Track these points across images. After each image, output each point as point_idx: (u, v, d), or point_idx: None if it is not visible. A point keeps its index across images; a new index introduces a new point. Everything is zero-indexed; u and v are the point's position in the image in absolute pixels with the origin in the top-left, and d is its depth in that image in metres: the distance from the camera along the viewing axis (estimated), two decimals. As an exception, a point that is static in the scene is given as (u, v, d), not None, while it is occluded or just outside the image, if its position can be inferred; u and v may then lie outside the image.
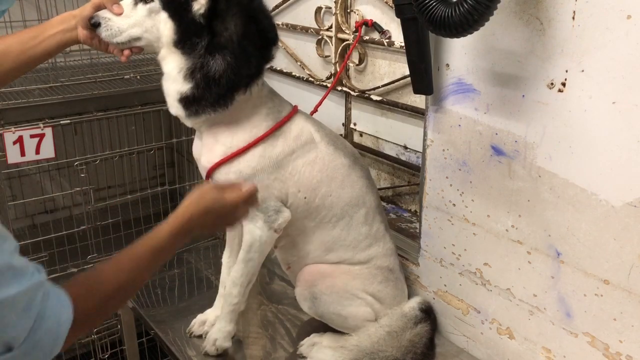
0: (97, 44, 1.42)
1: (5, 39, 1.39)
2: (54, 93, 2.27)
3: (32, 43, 1.36)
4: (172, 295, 1.86)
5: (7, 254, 0.82)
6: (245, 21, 1.32)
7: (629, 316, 1.19)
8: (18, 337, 0.82)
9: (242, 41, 1.32)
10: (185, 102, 1.37)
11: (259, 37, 1.36)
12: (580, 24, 1.13)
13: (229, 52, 1.32)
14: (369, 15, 1.90)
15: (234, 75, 1.33)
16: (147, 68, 2.59)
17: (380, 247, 1.57)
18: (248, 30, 1.33)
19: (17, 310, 0.81)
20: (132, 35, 1.38)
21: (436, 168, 1.53)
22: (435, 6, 1.14)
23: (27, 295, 0.83)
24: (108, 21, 1.36)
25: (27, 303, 0.83)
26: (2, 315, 0.79)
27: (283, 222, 1.46)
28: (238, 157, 1.41)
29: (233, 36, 1.32)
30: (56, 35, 1.39)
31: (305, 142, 1.47)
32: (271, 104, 1.46)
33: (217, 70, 1.32)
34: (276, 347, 1.61)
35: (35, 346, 0.84)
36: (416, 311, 1.58)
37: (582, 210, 1.22)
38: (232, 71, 1.32)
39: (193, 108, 1.37)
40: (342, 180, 1.51)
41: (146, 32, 1.37)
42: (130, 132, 2.41)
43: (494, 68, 1.31)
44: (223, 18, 1.31)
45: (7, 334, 0.81)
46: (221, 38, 1.32)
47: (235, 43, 1.32)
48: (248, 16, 1.33)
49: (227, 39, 1.32)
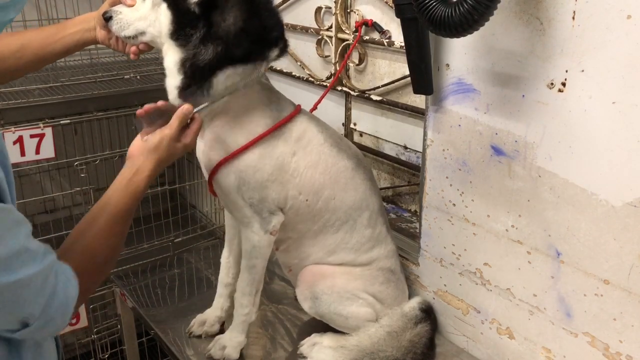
0: (115, 44, 1.42)
1: (26, 33, 1.43)
2: (54, 93, 2.27)
3: (53, 39, 1.40)
4: (172, 295, 1.86)
5: (23, 237, 0.86)
6: (247, 15, 1.28)
7: (629, 316, 1.19)
8: (33, 314, 0.88)
9: (240, 34, 1.28)
10: (180, 95, 1.34)
11: (259, 34, 1.32)
12: (580, 24, 1.13)
13: (222, 42, 1.28)
14: (369, 15, 1.90)
15: (217, 61, 1.29)
16: (147, 68, 2.59)
17: (382, 249, 1.57)
18: (249, 25, 1.29)
19: (33, 289, 0.87)
20: (138, 29, 1.36)
21: (436, 168, 1.53)
22: (435, 6, 1.13)
23: (41, 275, 0.88)
24: (119, 14, 1.36)
25: (41, 282, 0.88)
26: (20, 294, 0.85)
27: (277, 224, 1.45)
28: (238, 156, 1.38)
29: (231, 28, 1.28)
30: (76, 33, 1.41)
31: (308, 143, 1.45)
32: (268, 101, 1.43)
33: (204, 60, 1.29)
34: (276, 347, 1.61)
35: (49, 321, 0.91)
36: (416, 311, 1.58)
37: (582, 210, 1.22)
38: (218, 59, 1.29)
39: (184, 98, 1.33)
40: (346, 183, 1.49)
41: (150, 26, 1.35)
42: (130, 132, 2.41)
43: (494, 68, 1.31)
44: (222, 9, 1.28)
45: (24, 312, 0.87)
46: (218, 29, 1.28)
47: (231, 35, 1.28)
48: (251, 11, 1.29)
49: (225, 30, 1.28)
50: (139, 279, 1.96)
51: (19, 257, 0.85)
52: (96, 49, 2.51)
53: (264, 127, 1.40)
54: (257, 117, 1.40)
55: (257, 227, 1.44)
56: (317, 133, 1.47)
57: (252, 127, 1.40)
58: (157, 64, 2.69)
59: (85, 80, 2.41)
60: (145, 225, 2.43)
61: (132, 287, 1.90)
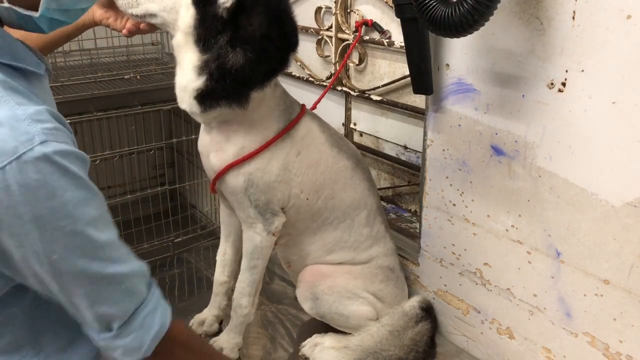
0: (113, 22, 1.37)
1: None
2: (54, 93, 2.25)
3: None
4: (172, 295, 1.86)
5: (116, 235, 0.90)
6: (271, 21, 1.27)
7: (629, 316, 1.19)
8: (116, 318, 0.89)
9: (264, 40, 1.27)
10: (200, 97, 1.31)
11: (281, 39, 1.31)
12: (580, 24, 1.13)
13: (250, 47, 1.26)
14: (369, 15, 1.90)
15: (251, 71, 1.27)
16: (147, 68, 2.59)
17: (380, 247, 1.57)
18: (272, 31, 1.28)
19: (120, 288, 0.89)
20: (148, 10, 1.30)
21: (436, 168, 1.53)
22: (435, 6, 1.14)
23: (132, 279, 0.91)
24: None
25: (130, 286, 0.90)
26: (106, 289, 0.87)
27: (279, 224, 1.45)
28: (249, 159, 1.38)
29: (256, 33, 1.26)
30: None
31: (311, 142, 1.45)
32: (283, 106, 1.43)
33: (235, 64, 1.26)
34: (276, 347, 1.61)
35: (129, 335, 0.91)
36: (417, 310, 1.58)
37: (582, 210, 1.22)
38: (250, 67, 1.27)
39: (207, 102, 1.31)
40: (345, 182, 1.50)
41: (164, 11, 1.30)
42: (130, 132, 2.40)
43: (494, 68, 1.31)
44: (249, 14, 1.26)
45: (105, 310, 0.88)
46: (245, 33, 1.26)
47: (257, 40, 1.26)
48: (274, 16, 1.28)
49: (250, 34, 1.26)
50: (139, 279, 1.95)
51: (117, 249, 0.88)
52: (96, 48, 2.51)
53: (277, 131, 1.40)
54: (271, 122, 1.40)
55: (260, 227, 1.44)
56: (319, 133, 1.48)
57: (266, 132, 1.39)
58: (157, 64, 2.70)
59: (85, 80, 2.41)
60: (145, 225, 2.42)
61: (132, 287, 1.90)
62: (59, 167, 0.80)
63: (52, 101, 1.02)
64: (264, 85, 1.32)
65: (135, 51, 2.76)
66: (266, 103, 1.39)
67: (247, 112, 1.35)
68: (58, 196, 0.80)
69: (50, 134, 0.81)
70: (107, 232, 0.87)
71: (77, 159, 0.85)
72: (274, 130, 1.40)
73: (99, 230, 0.85)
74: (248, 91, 1.30)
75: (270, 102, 1.40)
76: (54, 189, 0.79)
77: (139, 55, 2.77)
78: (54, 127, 0.83)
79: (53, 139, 0.81)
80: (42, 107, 0.85)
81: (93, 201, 0.85)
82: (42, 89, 0.98)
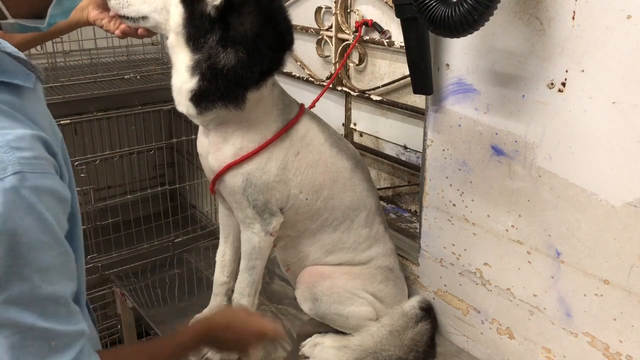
0: (107, 24, 1.37)
1: None
2: (54, 93, 2.27)
3: None
4: (172, 295, 1.86)
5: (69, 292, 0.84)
6: (263, 20, 1.26)
7: (629, 316, 1.19)
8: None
9: (257, 39, 1.26)
10: (195, 99, 1.31)
11: (274, 39, 1.30)
12: (580, 24, 1.13)
13: (242, 48, 1.25)
14: (369, 15, 1.90)
15: (244, 71, 1.27)
16: (147, 68, 2.59)
17: (380, 247, 1.57)
18: (264, 30, 1.27)
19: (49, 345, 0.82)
20: (140, 12, 1.31)
21: (436, 168, 1.53)
22: (435, 6, 1.13)
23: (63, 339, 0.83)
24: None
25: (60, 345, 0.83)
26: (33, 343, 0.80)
27: (277, 224, 1.45)
28: (248, 159, 1.38)
29: (248, 32, 1.25)
30: None
31: (310, 142, 1.45)
32: (282, 105, 1.43)
33: (227, 64, 1.26)
34: (276, 347, 1.61)
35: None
36: (416, 310, 1.58)
37: (582, 210, 1.22)
38: (243, 67, 1.26)
39: (203, 104, 1.30)
40: (344, 183, 1.50)
41: (154, 12, 1.30)
42: (130, 132, 2.41)
43: (494, 68, 1.31)
44: (239, 13, 1.25)
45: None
46: (235, 32, 1.25)
47: (249, 40, 1.26)
48: (266, 15, 1.27)
49: (242, 34, 1.25)
50: (139, 279, 1.96)
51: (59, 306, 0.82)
52: (96, 48, 2.51)
53: (276, 129, 1.40)
54: (270, 122, 1.40)
55: (258, 227, 1.44)
56: (318, 133, 1.48)
57: (264, 132, 1.39)
58: (157, 64, 2.70)
59: (85, 80, 2.41)
60: (145, 225, 2.43)
61: (132, 287, 1.90)
62: (26, 204, 0.76)
63: (45, 111, 0.97)
64: (259, 86, 1.32)
65: (135, 51, 2.76)
66: (264, 103, 1.39)
67: (245, 113, 1.35)
68: (18, 235, 0.75)
69: (27, 164, 0.76)
70: (56, 285, 0.81)
71: (51, 197, 0.80)
72: (272, 130, 1.40)
73: (46, 281, 0.79)
74: (243, 92, 1.30)
75: (268, 102, 1.40)
76: (16, 226, 0.75)
77: (139, 55, 2.77)
78: (34, 156, 0.78)
79: (29, 169, 0.76)
80: (27, 131, 0.80)
81: (51, 249, 0.80)
82: (34, 99, 0.93)
